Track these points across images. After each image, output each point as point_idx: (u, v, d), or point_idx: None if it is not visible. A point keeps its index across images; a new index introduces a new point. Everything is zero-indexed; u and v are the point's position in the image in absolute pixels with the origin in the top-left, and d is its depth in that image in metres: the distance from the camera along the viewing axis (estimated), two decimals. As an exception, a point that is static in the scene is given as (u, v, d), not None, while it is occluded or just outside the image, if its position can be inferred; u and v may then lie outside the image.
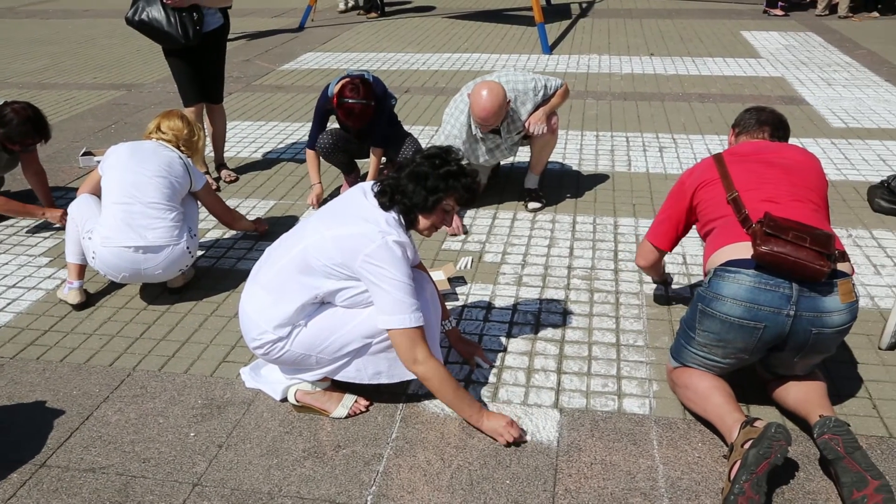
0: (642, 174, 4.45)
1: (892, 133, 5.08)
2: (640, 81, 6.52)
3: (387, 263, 2.18)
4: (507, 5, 10.48)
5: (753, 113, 2.72)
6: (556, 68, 7.01)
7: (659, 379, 2.62)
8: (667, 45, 7.91)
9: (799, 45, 7.81)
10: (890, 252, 3.49)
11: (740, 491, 1.98)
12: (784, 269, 2.10)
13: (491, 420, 2.32)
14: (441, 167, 2.26)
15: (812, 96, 5.98)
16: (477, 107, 3.50)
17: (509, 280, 3.30)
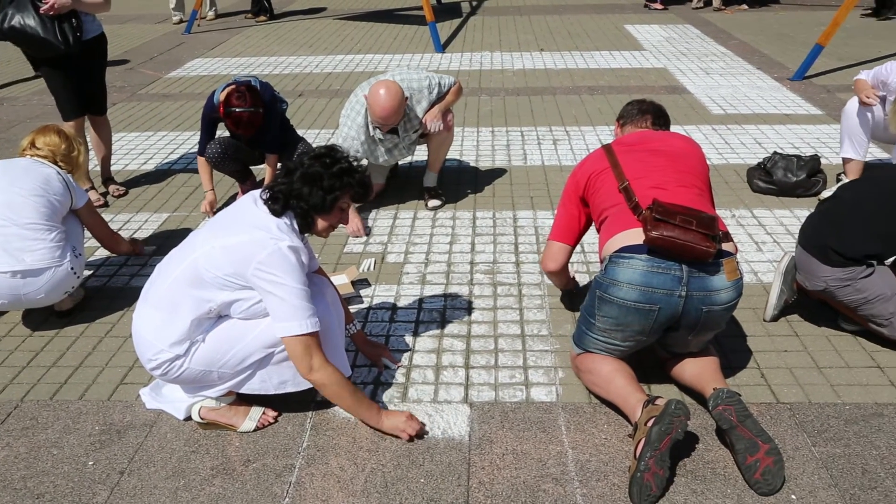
0: (538, 167, 4.55)
1: (766, 118, 5.39)
2: (532, 77, 6.67)
3: (280, 270, 2.14)
4: (398, 5, 10.49)
5: (635, 104, 2.84)
6: (450, 66, 7.08)
7: (564, 366, 2.68)
8: (556, 41, 8.12)
9: (678, 37, 8.17)
10: (769, 229, 3.70)
11: (646, 467, 2.06)
12: (674, 251, 2.19)
13: (390, 418, 2.33)
14: (333, 165, 2.23)
15: (693, 85, 6.27)
16: (376, 106, 3.47)
17: (413, 279, 3.31)
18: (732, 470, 2.20)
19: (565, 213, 2.70)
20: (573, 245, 2.75)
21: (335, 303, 2.46)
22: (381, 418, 2.32)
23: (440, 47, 7.71)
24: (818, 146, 4.81)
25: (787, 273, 2.88)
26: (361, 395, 2.33)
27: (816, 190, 4.05)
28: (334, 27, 9.10)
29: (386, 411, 2.36)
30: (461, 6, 10.34)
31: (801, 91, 6.06)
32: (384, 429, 2.33)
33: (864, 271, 2.64)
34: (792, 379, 2.61)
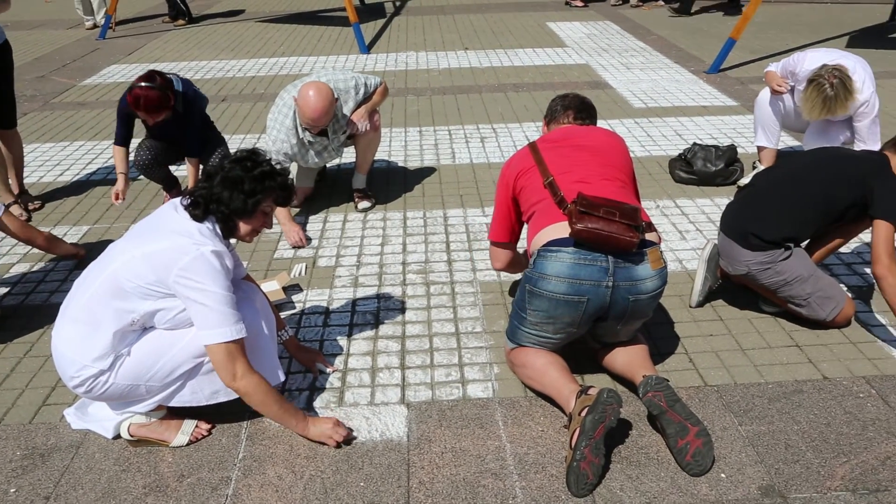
0: (467, 165, 4.57)
1: (685, 110, 5.56)
2: (458, 75, 6.70)
3: (203, 276, 2.09)
4: (321, 6, 10.38)
5: (559, 100, 2.87)
6: (375, 67, 7.05)
7: (499, 362, 2.71)
8: (480, 39, 8.18)
9: (599, 34, 8.35)
10: (692, 218, 3.82)
11: (582, 456, 2.09)
12: (599, 243, 2.24)
13: (317, 425, 2.31)
14: (254, 169, 2.19)
15: (615, 80, 6.42)
16: (307, 108, 3.42)
17: (345, 282, 3.28)
18: (665, 454, 2.26)
19: (500, 214, 2.71)
20: (513, 241, 2.77)
21: (265, 309, 2.42)
22: (308, 426, 2.30)
23: (365, 48, 7.67)
24: (734, 136, 4.98)
25: (711, 260, 2.97)
26: (287, 403, 2.29)
27: (735, 178, 4.20)
28: (256, 30, 8.94)
29: (312, 418, 2.33)
30: (385, 7, 10.31)
31: (716, 83, 6.27)
32: (311, 436, 2.31)
33: (782, 254, 2.75)
34: (718, 362, 2.70)
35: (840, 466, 2.21)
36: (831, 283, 2.82)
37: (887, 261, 2.59)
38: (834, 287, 2.81)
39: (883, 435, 2.34)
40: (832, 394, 2.53)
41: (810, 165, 2.84)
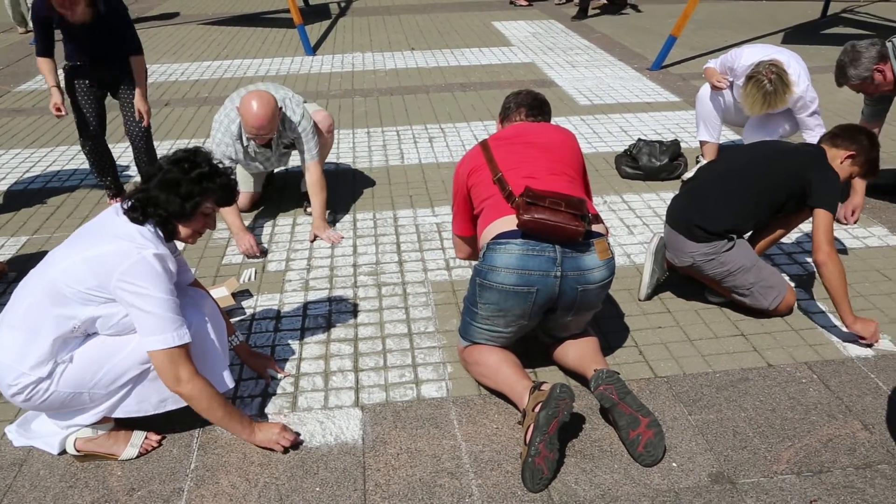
0: (415, 166, 4.57)
1: (629, 107, 5.65)
2: (405, 76, 6.69)
3: (145, 280, 2.03)
4: (264, 8, 10.26)
5: (512, 98, 2.88)
6: (321, 69, 7.00)
7: (452, 361, 2.71)
8: (426, 39, 8.18)
9: (544, 32, 8.43)
10: (639, 213, 3.88)
11: (536, 452, 2.11)
12: (546, 233, 2.26)
13: (263, 431, 2.28)
14: (192, 170, 2.13)
15: (560, 78, 6.49)
16: (250, 117, 3.32)
17: (296, 286, 3.25)
18: (618, 446, 2.30)
19: (458, 210, 2.74)
20: (475, 233, 2.77)
21: (214, 315, 2.38)
22: (254, 431, 2.27)
23: (310, 50, 7.60)
24: (678, 131, 5.08)
25: (658, 253, 3.03)
26: (233, 408, 2.25)
27: (679, 172, 4.28)
28: (199, 33, 8.79)
29: (259, 423, 2.30)
30: (329, 8, 10.24)
31: (659, 80, 6.39)
32: (257, 442, 2.28)
33: (726, 245, 2.82)
34: (667, 353, 2.75)
35: (785, 450, 2.28)
36: (773, 273, 2.89)
37: (827, 248, 2.68)
38: (776, 276, 2.89)
39: (825, 418, 2.41)
40: (776, 380, 2.60)
41: (751, 159, 2.92)
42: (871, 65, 3.42)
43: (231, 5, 10.55)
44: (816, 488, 2.14)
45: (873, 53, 3.42)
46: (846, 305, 2.69)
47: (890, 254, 3.45)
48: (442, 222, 3.80)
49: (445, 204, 4.00)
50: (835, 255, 2.68)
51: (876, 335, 2.72)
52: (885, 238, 3.60)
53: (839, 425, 2.38)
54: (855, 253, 3.47)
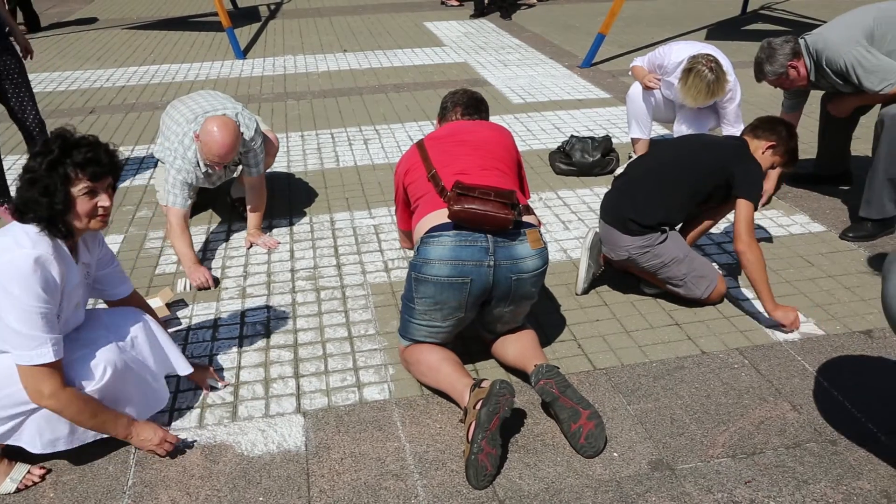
0: (351, 168, 4.54)
1: (562, 104, 5.74)
2: (338, 78, 6.64)
3: (13, 283, 1.90)
4: (190, 12, 10.03)
5: (449, 97, 2.91)
6: (252, 72, 6.88)
7: (394, 363, 2.70)
8: (358, 41, 8.14)
9: (476, 32, 8.48)
10: (574, 208, 3.94)
11: (479, 449, 2.12)
12: (476, 222, 2.29)
13: (140, 434, 2.22)
14: (43, 162, 1.96)
15: (493, 77, 6.54)
16: (215, 146, 3.13)
17: (233, 294, 3.19)
18: (560, 439, 2.33)
19: (399, 207, 2.77)
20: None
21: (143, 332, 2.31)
22: (132, 431, 2.21)
23: (240, 53, 7.47)
24: (609, 127, 5.18)
25: (593, 247, 3.08)
26: (107, 411, 2.16)
27: (611, 168, 4.37)
28: (124, 37, 8.54)
29: (140, 424, 2.24)
30: (259, 10, 10.08)
31: (590, 77, 6.50)
32: (134, 443, 2.23)
33: (659, 237, 2.88)
34: (605, 345, 2.80)
35: (720, 434, 2.35)
36: (704, 263, 2.98)
37: (747, 237, 2.78)
38: (707, 266, 2.97)
39: (756, 401, 2.49)
40: (710, 367, 2.67)
41: (678, 152, 3.00)
42: (785, 61, 3.55)
43: (156, 9, 10.29)
44: (750, 469, 2.21)
45: (787, 50, 3.55)
46: (767, 292, 2.79)
47: (812, 240, 3.59)
48: (379, 224, 3.78)
49: (382, 205, 3.98)
50: (754, 244, 2.78)
51: (796, 322, 2.82)
52: (807, 225, 3.75)
53: (770, 407, 2.46)
54: (779, 240, 3.60)
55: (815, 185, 4.19)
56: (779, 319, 2.80)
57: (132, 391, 2.25)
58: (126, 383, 2.20)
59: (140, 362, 2.26)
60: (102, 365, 2.14)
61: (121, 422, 2.19)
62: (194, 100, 3.51)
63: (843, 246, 3.53)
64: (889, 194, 3.50)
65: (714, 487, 2.14)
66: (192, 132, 3.29)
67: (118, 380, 2.16)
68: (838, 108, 3.73)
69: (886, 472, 2.19)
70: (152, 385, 2.30)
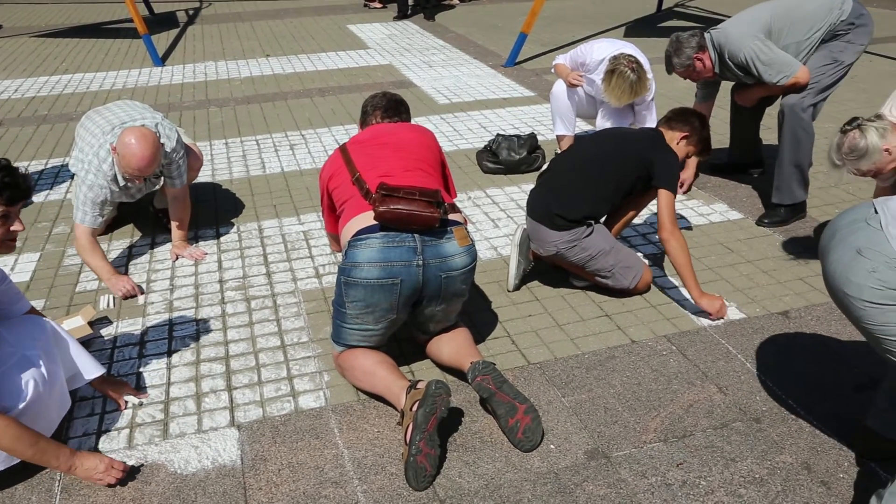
0: (278, 174, 4.48)
1: (487, 103, 5.79)
2: (261, 83, 6.54)
3: None
4: (103, 18, 9.71)
5: (368, 101, 2.92)
6: (172, 80, 6.71)
7: (329, 369, 2.68)
8: (281, 45, 8.03)
9: (399, 34, 8.48)
10: (502, 206, 3.99)
11: (417, 450, 2.12)
12: (402, 221, 2.30)
13: (84, 464, 2.13)
14: None
15: (418, 78, 6.55)
16: (134, 159, 3.01)
17: (159, 308, 3.10)
18: (498, 435, 2.35)
19: (326, 212, 2.75)
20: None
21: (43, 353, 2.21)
22: (75, 462, 2.12)
23: (159, 60, 7.27)
24: (534, 125, 5.26)
25: (522, 244, 3.12)
26: (46, 442, 2.09)
27: (538, 165, 4.43)
28: (32, 46, 8.20)
29: (82, 454, 2.15)
30: (177, 16, 9.83)
31: (514, 76, 6.58)
32: (79, 475, 2.14)
33: (585, 231, 2.94)
34: (538, 340, 2.84)
35: (652, 420, 2.41)
36: (630, 254, 3.05)
37: (670, 226, 2.86)
38: (633, 257, 3.05)
39: (685, 386, 2.57)
40: (640, 355, 2.74)
41: (599, 146, 3.07)
42: (691, 54, 3.68)
43: (66, 16, 9.91)
44: (682, 452, 2.28)
45: (693, 44, 3.68)
46: (692, 280, 2.88)
47: (731, 228, 3.73)
48: (309, 230, 3.74)
49: (311, 211, 3.94)
50: (677, 232, 2.87)
51: (722, 310, 2.93)
52: (726, 213, 3.89)
53: (697, 391, 2.55)
54: (700, 229, 3.72)
55: (731, 175, 4.35)
56: (705, 308, 2.90)
57: (49, 403, 2.17)
58: (45, 396, 2.11)
59: (53, 371, 2.18)
60: (22, 382, 2.06)
61: (62, 452, 2.10)
62: (111, 110, 3.40)
63: (759, 232, 3.68)
64: (797, 180, 3.67)
65: (648, 472, 2.20)
66: (108, 144, 3.17)
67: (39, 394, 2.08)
68: (744, 98, 3.89)
69: (806, 444, 2.30)
70: (60, 391, 2.22)
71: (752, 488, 2.14)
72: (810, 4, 3.57)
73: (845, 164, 2.67)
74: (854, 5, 3.55)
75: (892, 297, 1.72)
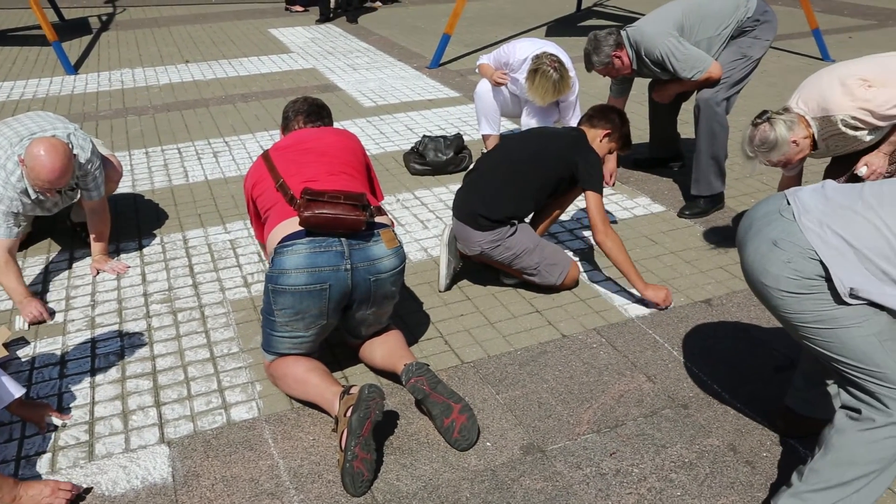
0: (202, 183, 4.38)
1: (413, 105, 5.80)
2: (181, 90, 6.38)
3: None
4: (8, 25, 9.29)
5: (290, 106, 2.89)
6: (87, 88, 6.48)
7: (261, 379, 2.63)
8: (201, 51, 7.85)
9: (322, 37, 8.41)
10: (431, 207, 4.00)
11: (353, 456, 2.11)
12: (328, 226, 2.29)
13: (30, 493, 2.05)
14: None
15: (343, 82, 6.51)
16: (43, 171, 2.89)
17: (80, 326, 2.99)
18: (434, 436, 2.35)
19: (253, 220, 2.71)
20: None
21: None
22: (19, 493, 2.04)
23: (71, 68, 7.01)
24: (460, 125, 5.29)
25: (451, 244, 3.14)
26: None
27: (465, 165, 4.46)
28: (-67, 57, 7.79)
29: (26, 483, 2.06)
30: (89, 22, 9.50)
31: (438, 77, 6.61)
32: None
33: (509, 231, 2.98)
34: (471, 339, 2.86)
35: (585, 412, 2.46)
36: (556, 251, 3.11)
37: (602, 227, 2.93)
38: (559, 254, 3.10)
39: (615, 377, 2.63)
40: (571, 349, 2.79)
41: (523, 146, 3.10)
42: (610, 51, 3.77)
43: (-30, 25, 9.46)
44: (614, 441, 2.33)
45: (611, 42, 3.77)
46: (634, 274, 2.95)
47: (654, 220, 3.84)
48: (235, 238, 3.67)
49: (237, 219, 3.87)
50: (611, 232, 2.94)
51: (668, 299, 3.01)
52: (649, 207, 4.00)
53: (627, 381, 2.61)
54: (625, 222, 3.81)
55: (652, 169, 4.48)
56: (650, 298, 2.98)
57: None
58: None
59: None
60: None
61: (5, 483, 2.00)
62: (20, 121, 3.26)
63: (681, 223, 3.80)
64: (714, 172, 3.81)
65: (583, 463, 2.24)
66: (16, 156, 3.04)
67: None
68: (661, 95, 4.01)
69: (732, 427, 2.38)
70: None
71: (682, 472, 2.21)
72: (717, 2, 3.71)
73: (757, 155, 2.78)
74: (758, 3, 3.71)
75: (807, 287, 1.79)
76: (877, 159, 2.88)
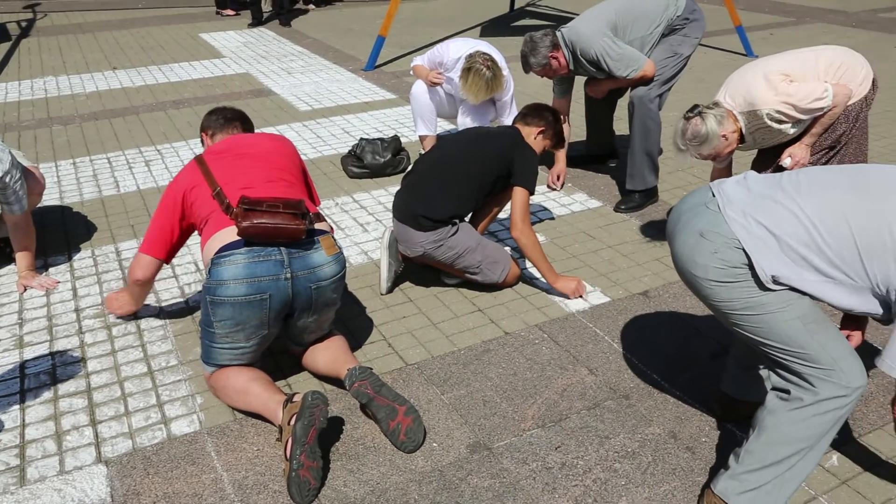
0: (134, 193, 4.26)
1: (349, 108, 5.76)
2: (109, 98, 6.20)
3: None
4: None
5: (218, 113, 2.85)
6: (7, 97, 6.24)
7: (201, 391, 2.58)
8: (129, 57, 7.64)
9: (255, 41, 8.28)
10: (370, 210, 3.98)
11: (299, 465, 2.08)
12: (267, 236, 2.26)
13: None
14: None
15: (277, 86, 6.42)
16: None
17: (8, 345, 2.87)
18: (381, 440, 2.34)
19: (159, 227, 2.59)
20: (165, 259, 2.66)
21: None
22: None
23: (-9, 78, 6.74)
24: (397, 127, 5.28)
25: (391, 246, 3.13)
26: None
27: (403, 167, 4.45)
28: None
29: None
30: (7, 28, 9.14)
31: (374, 79, 6.58)
32: None
33: (450, 230, 2.99)
34: (414, 340, 2.86)
35: (529, 408, 2.48)
36: (497, 249, 3.13)
37: (521, 224, 2.97)
38: (499, 252, 3.13)
39: (558, 371, 2.67)
40: (514, 346, 2.82)
41: (459, 146, 3.12)
42: (547, 52, 3.82)
43: None
44: (559, 435, 2.36)
45: (548, 43, 3.82)
46: (546, 268, 3.01)
47: (591, 216, 3.90)
48: (171, 248, 3.58)
49: (172, 229, 3.77)
50: (527, 229, 2.98)
51: (578, 289, 3.06)
52: (586, 202, 4.06)
53: (570, 375, 2.64)
54: (563, 219, 3.87)
55: (589, 165, 4.55)
56: (561, 290, 3.03)
57: None
58: None
59: None
60: None
61: None
62: None
63: (617, 218, 3.87)
64: (648, 166, 3.89)
65: (529, 458, 2.27)
66: None
67: None
68: (595, 90, 4.08)
69: (672, 414, 2.44)
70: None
71: (626, 462, 2.25)
72: (649, 2, 3.79)
73: (689, 148, 2.86)
74: (687, 2, 3.81)
75: (734, 275, 1.85)
76: (800, 150, 2.99)
